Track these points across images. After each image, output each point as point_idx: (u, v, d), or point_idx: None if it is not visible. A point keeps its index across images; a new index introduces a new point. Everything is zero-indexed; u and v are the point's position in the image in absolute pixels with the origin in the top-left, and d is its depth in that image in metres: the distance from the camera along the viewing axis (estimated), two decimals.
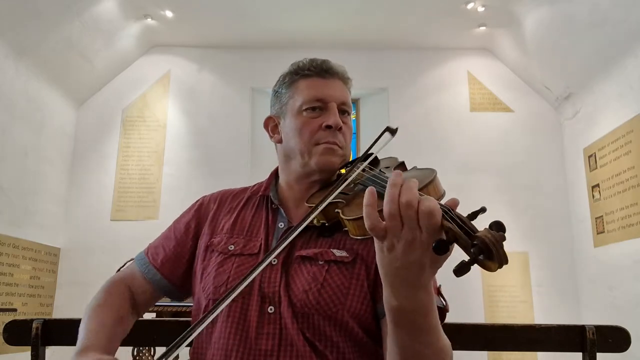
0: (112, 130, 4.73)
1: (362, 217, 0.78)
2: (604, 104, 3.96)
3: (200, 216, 1.14)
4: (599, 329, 1.13)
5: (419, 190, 0.71)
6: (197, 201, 1.19)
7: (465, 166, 4.57)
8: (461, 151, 4.64)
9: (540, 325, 1.18)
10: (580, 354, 1.15)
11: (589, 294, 4.19)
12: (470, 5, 4.23)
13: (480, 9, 4.26)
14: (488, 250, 0.61)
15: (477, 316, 4.17)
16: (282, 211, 1.07)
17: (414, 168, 1.00)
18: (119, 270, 1.18)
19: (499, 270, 0.63)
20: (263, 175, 1.19)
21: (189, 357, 1.03)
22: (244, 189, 1.18)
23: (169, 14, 4.38)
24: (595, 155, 4.07)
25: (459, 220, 0.67)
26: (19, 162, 3.85)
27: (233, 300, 0.95)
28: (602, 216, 3.94)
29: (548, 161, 4.64)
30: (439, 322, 0.79)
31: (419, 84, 4.83)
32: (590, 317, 4.09)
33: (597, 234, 4.01)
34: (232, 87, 4.86)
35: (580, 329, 1.14)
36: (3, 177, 3.66)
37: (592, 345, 1.11)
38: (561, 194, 4.55)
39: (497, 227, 0.64)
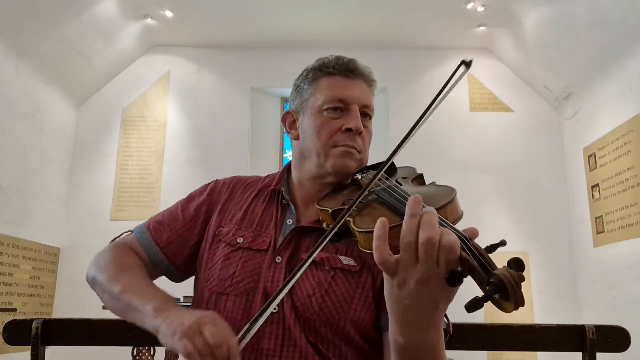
0: (112, 130, 4.73)
1: (373, 231, 0.76)
2: (604, 104, 3.96)
3: (212, 202, 1.10)
4: (599, 329, 1.13)
5: (437, 210, 0.68)
6: (209, 184, 1.15)
7: (465, 166, 4.56)
8: (461, 151, 4.64)
9: (540, 325, 1.18)
10: (580, 354, 1.14)
11: (589, 294, 4.18)
12: (470, 5, 4.23)
13: (480, 9, 4.25)
14: (505, 291, 0.58)
15: (477, 316, 4.15)
16: (293, 208, 1.04)
17: (433, 184, 0.96)
18: (113, 240, 1.10)
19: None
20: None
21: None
22: (257, 180, 1.14)
23: (169, 14, 4.38)
24: (595, 155, 4.07)
25: (477, 253, 0.63)
26: (19, 162, 3.85)
27: (237, 296, 0.94)
28: (602, 216, 3.94)
29: (548, 161, 4.63)
30: (445, 353, 0.77)
31: (419, 84, 4.82)
32: (590, 317, 4.09)
33: (597, 234, 4.01)
34: (232, 87, 4.86)
35: (580, 329, 1.14)
36: (3, 177, 3.65)
37: (592, 345, 1.11)
38: (561, 194, 4.55)
39: (517, 267, 0.61)
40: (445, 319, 0.89)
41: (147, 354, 2.96)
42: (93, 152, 4.67)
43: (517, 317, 4.90)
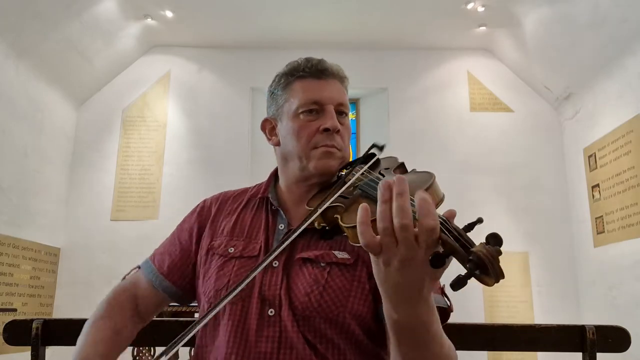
0: (112, 130, 4.73)
1: None
2: (604, 103, 3.96)
3: (201, 220, 1.13)
4: (599, 329, 1.13)
5: None
6: (197, 205, 1.18)
7: (465, 166, 4.57)
8: (461, 151, 4.64)
9: (540, 325, 1.18)
10: (580, 354, 1.14)
11: (589, 294, 4.18)
12: (470, 5, 4.23)
13: (480, 9, 4.26)
14: (484, 266, 0.60)
15: (477, 316, 4.16)
16: (282, 213, 1.06)
17: (413, 171, 0.98)
18: (124, 277, 1.17)
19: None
20: (263, 176, 1.19)
21: (188, 358, 1.03)
22: (244, 191, 1.17)
23: (169, 14, 4.38)
24: (595, 155, 4.07)
25: (455, 233, 0.66)
26: (19, 162, 3.85)
27: (233, 303, 0.95)
28: (602, 216, 3.94)
29: (548, 161, 4.63)
30: (441, 329, 0.78)
31: (419, 84, 4.82)
32: (590, 317, 4.09)
33: (597, 234, 4.01)
34: (232, 87, 4.86)
35: (580, 329, 1.14)
36: (3, 177, 3.65)
37: (592, 345, 1.11)
38: (561, 194, 4.55)
39: (494, 241, 0.63)
40: (447, 300, 0.92)
41: (147, 354, 2.96)
42: (93, 152, 4.67)
43: (517, 317, 4.88)
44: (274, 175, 1.16)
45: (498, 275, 0.60)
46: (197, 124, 4.76)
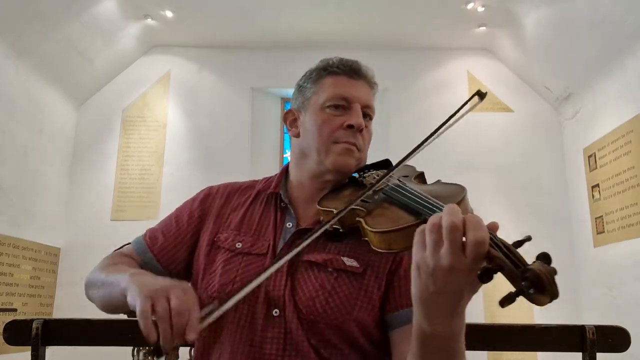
0: (112, 130, 4.73)
1: (390, 231, 0.76)
2: (604, 104, 3.96)
3: (205, 208, 1.10)
4: (599, 329, 1.13)
5: None
6: (202, 191, 1.15)
7: (465, 166, 4.56)
8: (461, 151, 4.64)
9: (540, 325, 1.18)
10: (580, 354, 1.14)
11: (589, 294, 4.18)
12: (470, 5, 4.23)
13: (480, 9, 4.25)
14: (541, 285, 0.60)
15: (477, 316, 4.16)
16: (291, 210, 1.04)
17: (438, 182, 0.97)
18: (115, 251, 1.16)
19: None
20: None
21: (188, 358, 1.02)
22: (252, 184, 1.15)
23: (169, 14, 4.38)
24: (595, 155, 4.07)
25: (504, 249, 0.65)
26: (19, 162, 3.85)
27: (241, 303, 0.93)
28: (602, 216, 3.94)
29: (548, 161, 4.63)
30: (464, 343, 0.77)
31: (419, 84, 4.82)
32: (590, 317, 4.09)
33: (597, 234, 4.01)
34: (232, 87, 4.85)
35: (580, 329, 1.14)
36: (3, 177, 3.65)
37: (592, 345, 1.11)
38: (561, 194, 4.55)
39: (546, 260, 0.64)
40: None
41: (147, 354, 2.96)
42: (93, 152, 4.67)
43: (517, 317, 4.88)
44: (285, 171, 1.14)
45: (554, 294, 0.60)
46: (197, 124, 4.76)
